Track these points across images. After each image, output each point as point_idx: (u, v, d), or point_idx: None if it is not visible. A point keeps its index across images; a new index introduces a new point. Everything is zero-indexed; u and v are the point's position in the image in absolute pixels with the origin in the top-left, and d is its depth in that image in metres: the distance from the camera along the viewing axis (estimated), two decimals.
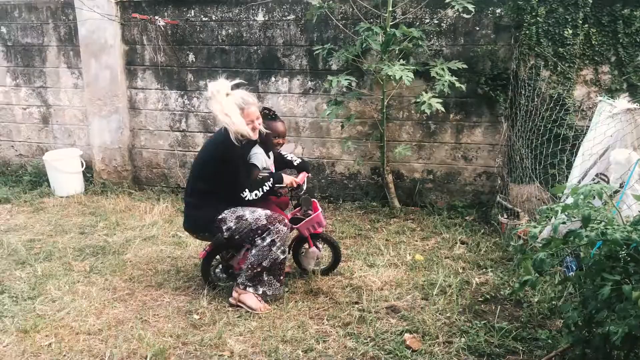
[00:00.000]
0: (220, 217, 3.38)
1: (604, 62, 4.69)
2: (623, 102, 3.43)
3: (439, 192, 5.61)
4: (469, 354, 2.91)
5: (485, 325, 3.19)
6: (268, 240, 3.36)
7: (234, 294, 3.44)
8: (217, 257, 3.76)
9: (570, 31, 4.57)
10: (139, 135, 6.34)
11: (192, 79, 6.00)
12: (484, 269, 4.04)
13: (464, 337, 3.07)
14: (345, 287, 3.75)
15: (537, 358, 2.82)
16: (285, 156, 3.90)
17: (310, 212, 3.75)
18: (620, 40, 4.60)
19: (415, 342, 3.02)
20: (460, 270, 4.02)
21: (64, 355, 2.92)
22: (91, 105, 6.23)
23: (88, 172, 6.47)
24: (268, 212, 3.45)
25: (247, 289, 3.40)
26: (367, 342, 3.03)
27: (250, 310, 3.37)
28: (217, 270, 3.79)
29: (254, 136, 3.43)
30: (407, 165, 5.63)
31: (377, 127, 5.45)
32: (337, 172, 5.87)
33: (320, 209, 3.75)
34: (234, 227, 3.36)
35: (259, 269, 3.38)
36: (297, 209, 3.81)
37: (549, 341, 2.98)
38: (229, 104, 3.30)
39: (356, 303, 3.52)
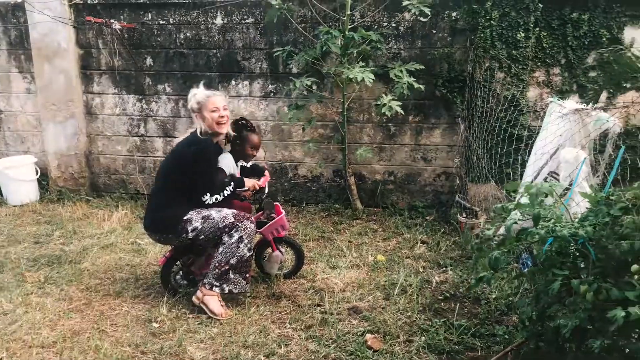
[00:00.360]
0: (185, 217, 3.34)
1: (554, 64, 4.85)
2: (572, 102, 3.55)
3: (400, 193, 5.68)
4: (429, 352, 2.95)
5: (445, 323, 3.24)
6: (236, 237, 3.34)
7: (199, 293, 3.40)
8: (178, 263, 3.71)
9: (523, 34, 4.70)
10: (96, 141, 6.20)
11: (150, 83, 5.91)
12: (443, 268, 4.11)
13: (424, 335, 3.11)
14: (308, 289, 3.76)
15: (495, 353, 2.88)
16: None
17: (273, 215, 3.74)
18: (570, 43, 4.76)
19: (377, 342, 3.05)
20: (421, 270, 4.08)
21: None
22: (45, 110, 6.05)
23: (43, 179, 6.29)
24: (234, 210, 3.45)
25: (214, 288, 3.36)
26: (329, 344, 3.04)
27: (212, 316, 3.33)
28: (178, 276, 3.74)
29: (221, 130, 3.45)
30: (369, 167, 5.68)
31: (338, 130, 5.48)
32: (299, 175, 5.87)
33: (283, 212, 3.75)
34: (200, 227, 3.33)
35: (226, 267, 3.35)
36: (260, 212, 3.80)
37: (506, 336, 3.06)
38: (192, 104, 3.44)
39: (318, 305, 3.53)
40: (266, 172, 3.95)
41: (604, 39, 4.70)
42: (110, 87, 6.01)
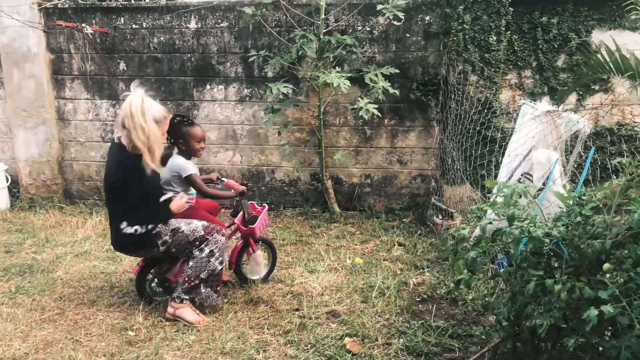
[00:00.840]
0: (154, 232, 3.25)
1: (526, 67, 4.93)
2: (543, 104, 3.62)
3: (377, 196, 5.70)
4: (407, 355, 2.96)
5: (423, 325, 3.26)
6: (207, 251, 3.29)
7: (170, 309, 3.35)
8: (152, 270, 3.65)
9: (495, 38, 4.77)
10: (69, 147, 6.09)
11: (124, 87, 5.82)
12: (421, 270, 4.14)
13: (402, 337, 3.13)
14: (286, 294, 3.74)
15: (472, 354, 2.91)
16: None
17: (253, 213, 3.70)
18: (540, 46, 4.85)
19: (355, 345, 3.05)
20: (398, 272, 4.10)
21: None
22: (15, 116, 5.92)
23: (14, 187, 6.15)
24: (205, 222, 3.39)
25: (184, 301, 3.32)
26: (308, 349, 3.03)
27: (188, 325, 3.29)
28: (153, 284, 3.68)
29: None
30: (346, 170, 5.69)
31: (315, 134, 5.48)
32: (277, 179, 5.85)
33: (266, 206, 3.77)
34: (170, 241, 3.27)
35: (196, 281, 3.30)
36: (241, 214, 3.74)
37: (483, 337, 3.09)
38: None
39: (297, 310, 3.51)
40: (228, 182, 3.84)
41: (573, 42, 4.81)
42: (83, 92, 5.91)
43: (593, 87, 4.92)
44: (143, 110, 3.01)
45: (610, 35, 4.57)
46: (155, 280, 3.66)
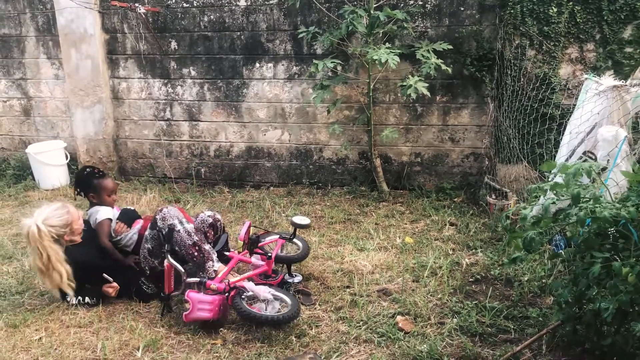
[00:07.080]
0: (145, 274, 3.41)
1: (588, 39, 4.69)
2: (609, 79, 3.43)
3: (427, 175, 5.61)
4: (461, 334, 2.93)
5: (477, 305, 3.21)
6: (166, 229, 3.29)
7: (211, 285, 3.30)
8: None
9: (555, 9, 4.55)
10: (123, 125, 6.25)
11: (175, 66, 5.91)
12: (473, 250, 4.06)
13: (455, 317, 3.09)
14: (337, 271, 3.75)
15: (529, 336, 2.85)
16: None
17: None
18: (605, 18, 4.59)
19: (408, 324, 3.03)
20: (450, 252, 4.04)
21: (55, 349, 2.89)
22: (73, 96, 6.12)
23: (73, 164, 6.39)
24: (140, 223, 3.53)
25: (211, 267, 3.30)
26: (360, 326, 3.04)
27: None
28: None
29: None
30: (395, 148, 5.61)
31: (363, 111, 5.42)
32: (324, 158, 5.84)
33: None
34: (155, 262, 3.37)
35: (196, 248, 3.28)
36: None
37: (540, 319, 3.02)
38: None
39: (347, 287, 3.52)
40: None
41: None
42: (136, 71, 6.04)
43: None
44: (40, 236, 3.14)
45: None
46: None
